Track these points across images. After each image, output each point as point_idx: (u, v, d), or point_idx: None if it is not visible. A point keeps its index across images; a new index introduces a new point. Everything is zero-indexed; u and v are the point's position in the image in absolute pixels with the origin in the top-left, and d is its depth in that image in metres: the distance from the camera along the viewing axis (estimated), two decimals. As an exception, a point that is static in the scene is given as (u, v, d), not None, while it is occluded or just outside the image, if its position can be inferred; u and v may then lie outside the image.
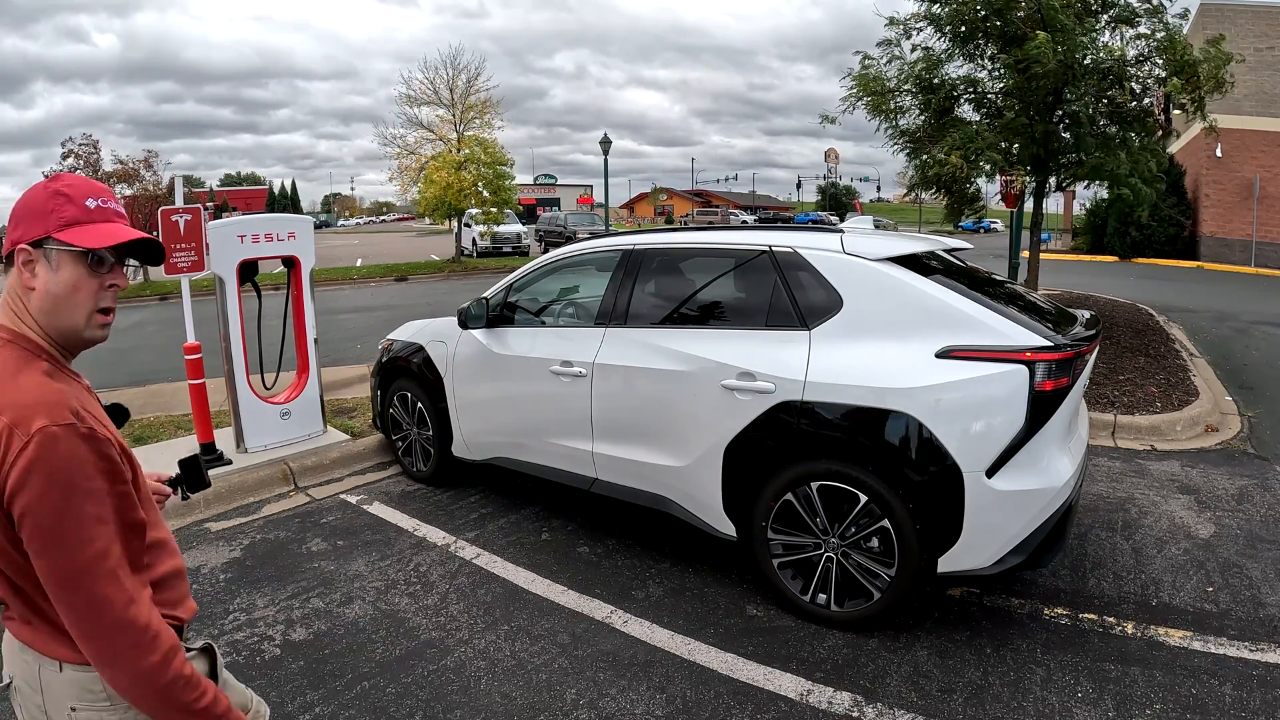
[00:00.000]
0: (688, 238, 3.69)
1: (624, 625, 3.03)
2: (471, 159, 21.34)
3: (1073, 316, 3.17)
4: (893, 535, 2.75)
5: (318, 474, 4.88)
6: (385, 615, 3.15)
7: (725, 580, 3.36)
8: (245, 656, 2.87)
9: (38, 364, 1.13)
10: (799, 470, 2.92)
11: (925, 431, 2.65)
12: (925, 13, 8.08)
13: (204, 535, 4.06)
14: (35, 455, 1.03)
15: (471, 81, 22.96)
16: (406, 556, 3.71)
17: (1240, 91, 10.75)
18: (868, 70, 8.41)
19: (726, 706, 2.51)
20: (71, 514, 1.05)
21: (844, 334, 2.90)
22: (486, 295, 4.17)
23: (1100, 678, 2.60)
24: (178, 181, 5.56)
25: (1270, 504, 4.13)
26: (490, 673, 2.73)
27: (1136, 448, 5.18)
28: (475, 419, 4.24)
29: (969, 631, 2.92)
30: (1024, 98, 7.49)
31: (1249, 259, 19.90)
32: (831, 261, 3.02)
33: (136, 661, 1.09)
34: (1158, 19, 7.40)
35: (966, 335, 2.72)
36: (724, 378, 3.07)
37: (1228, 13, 19.76)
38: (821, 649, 2.82)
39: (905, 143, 8.72)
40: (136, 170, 19.81)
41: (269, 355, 5.11)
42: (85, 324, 1.20)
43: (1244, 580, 3.28)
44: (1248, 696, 2.48)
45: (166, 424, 5.84)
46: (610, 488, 3.58)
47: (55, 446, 1.04)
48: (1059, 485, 2.70)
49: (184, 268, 4.65)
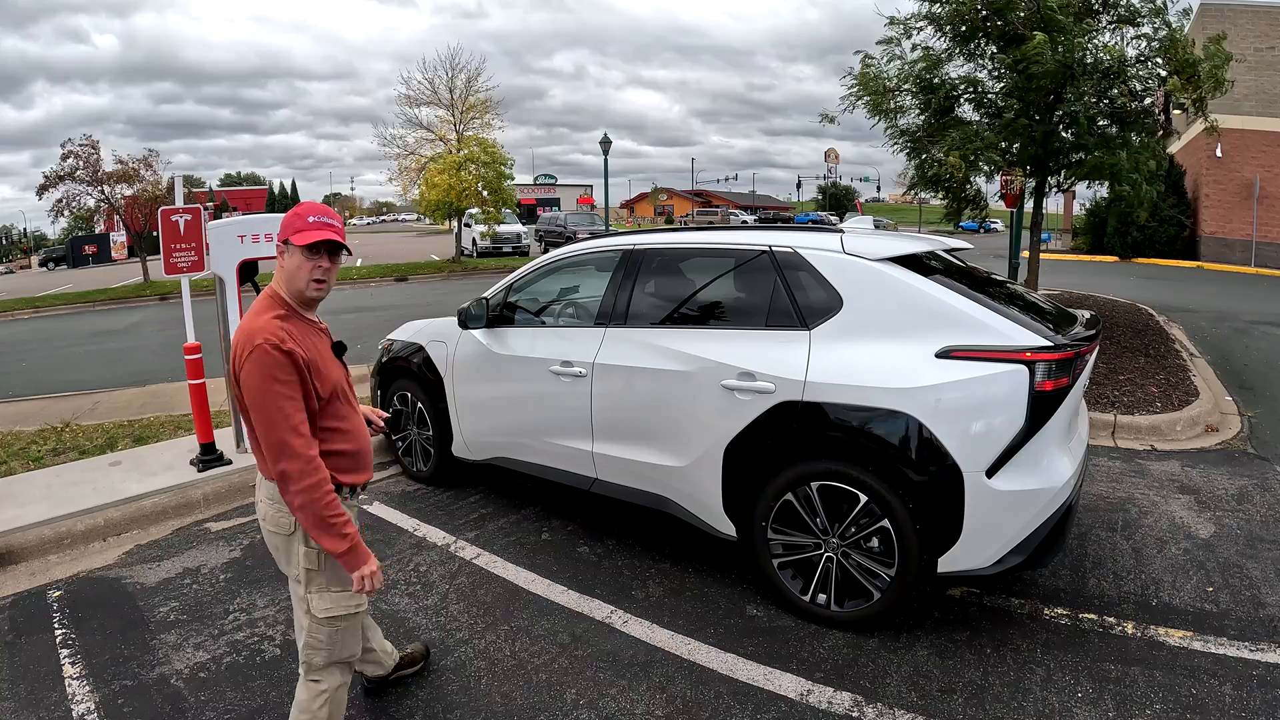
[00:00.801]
0: (688, 238, 3.69)
1: (624, 625, 3.03)
2: (471, 159, 21.34)
3: (1073, 316, 3.17)
4: (893, 535, 2.75)
5: (318, 474, 4.88)
6: (385, 615, 3.15)
7: (725, 580, 3.36)
8: (245, 656, 2.87)
9: (275, 310, 1.98)
10: (799, 470, 2.91)
11: (925, 431, 2.65)
12: (925, 12, 8.07)
13: (204, 535, 4.06)
14: (251, 357, 1.87)
15: (471, 81, 22.99)
16: (406, 556, 3.71)
17: (1240, 91, 10.77)
18: (868, 70, 8.41)
19: (726, 706, 2.51)
20: (267, 391, 1.87)
21: (844, 334, 2.90)
22: (486, 295, 4.16)
23: (1100, 678, 2.60)
24: (177, 181, 5.56)
25: (1270, 504, 4.13)
26: (490, 673, 2.73)
27: (1136, 448, 5.18)
28: (475, 419, 4.23)
29: (969, 631, 2.92)
30: (1024, 97, 7.48)
31: (1249, 259, 19.90)
32: (831, 261, 3.02)
33: (299, 481, 1.88)
34: (1159, 19, 7.39)
35: (966, 335, 2.72)
36: (724, 378, 3.07)
37: (1228, 13, 19.74)
38: (821, 649, 2.82)
39: (905, 142, 8.71)
40: (136, 170, 19.82)
41: (269, 355, 5.11)
42: (306, 288, 2.01)
43: (1244, 580, 3.28)
44: (1248, 696, 2.48)
45: (166, 424, 5.85)
46: (610, 488, 3.58)
47: (263, 354, 1.87)
48: (1059, 485, 2.70)
49: (184, 268, 4.66)
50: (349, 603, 2.08)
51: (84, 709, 2.58)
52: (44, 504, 4.16)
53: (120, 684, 2.72)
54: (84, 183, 19.52)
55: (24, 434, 5.78)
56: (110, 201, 20.27)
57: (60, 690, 2.69)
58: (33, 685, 2.73)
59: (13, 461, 5.02)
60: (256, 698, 2.61)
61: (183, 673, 2.77)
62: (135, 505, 4.22)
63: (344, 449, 2.07)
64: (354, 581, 1.99)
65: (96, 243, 40.42)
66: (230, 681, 2.71)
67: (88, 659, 2.88)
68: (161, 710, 2.56)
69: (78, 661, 2.87)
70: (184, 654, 2.90)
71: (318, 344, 2.04)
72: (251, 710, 2.55)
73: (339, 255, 2.04)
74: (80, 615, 3.24)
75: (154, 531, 4.13)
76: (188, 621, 3.15)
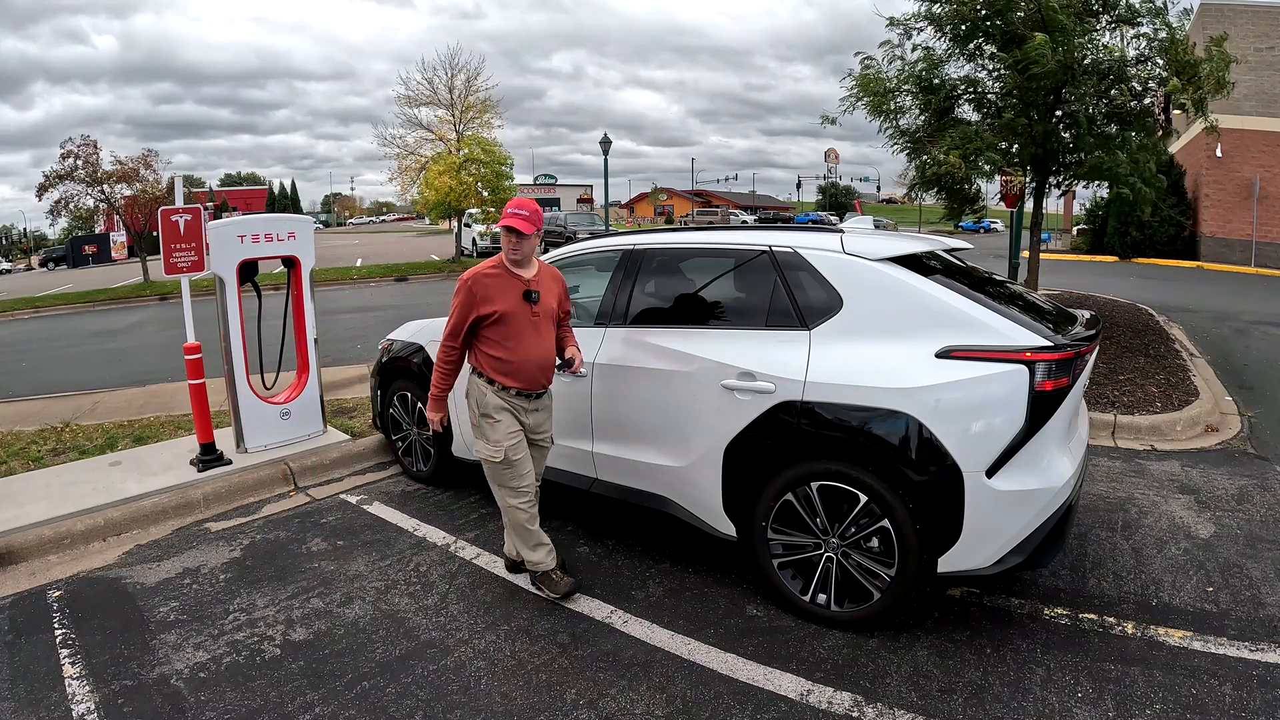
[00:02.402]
0: (688, 238, 3.69)
1: (624, 625, 3.03)
2: (471, 158, 21.33)
3: (1073, 316, 3.17)
4: (893, 535, 2.75)
5: (318, 474, 4.88)
6: (385, 615, 3.15)
7: (725, 580, 3.36)
8: (245, 656, 2.87)
9: (490, 263, 3.15)
10: (799, 470, 2.91)
11: (925, 431, 2.65)
12: (925, 12, 8.07)
13: (204, 535, 4.06)
14: (460, 284, 3.10)
15: (471, 81, 22.98)
16: (406, 556, 3.71)
17: (1240, 91, 10.76)
18: (869, 71, 8.40)
19: (726, 706, 2.51)
20: (454, 303, 3.12)
21: (844, 334, 2.90)
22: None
23: (1100, 678, 2.60)
24: (178, 181, 5.55)
25: (1270, 504, 4.13)
26: (490, 673, 2.73)
27: (1136, 448, 5.18)
28: (475, 419, 4.23)
29: (969, 631, 2.92)
30: (1024, 98, 7.47)
31: (1249, 259, 19.90)
32: (831, 261, 3.02)
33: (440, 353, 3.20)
34: (1159, 19, 7.39)
35: (966, 335, 2.71)
36: (724, 378, 3.07)
37: (1228, 13, 19.74)
38: (821, 649, 2.82)
39: (905, 143, 8.71)
40: (136, 170, 19.82)
41: (269, 355, 5.11)
42: (508, 255, 3.12)
43: (1244, 580, 3.28)
44: (1248, 696, 2.48)
45: (166, 424, 5.85)
46: (610, 488, 3.58)
47: (464, 283, 3.09)
48: (1059, 485, 2.70)
49: (184, 268, 4.65)
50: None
51: (84, 709, 2.58)
52: (44, 504, 4.16)
53: (120, 684, 2.72)
54: (83, 183, 19.52)
55: (24, 434, 5.78)
56: (110, 201, 20.27)
57: (60, 690, 2.69)
58: (33, 685, 2.73)
59: (13, 461, 5.02)
60: (256, 698, 2.61)
61: (183, 673, 2.77)
62: (135, 505, 4.22)
63: (501, 354, 3.10)
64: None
65: (96, 243, 40.43)
66: (230, 681, 2.71)
67: (88, 659, 2.88)
68: (161, 710, 2.56)
69: (78, 661, 2.87)
70: (184, 654, 2.90)
71: (505, 288, 3.09)
72: (251, 710, 2.55)
73: (525, 234, 3.06)
74: (80, 615, 3.24)
75: (154, 531, 4.13)
76: (188, 621, 3.15)
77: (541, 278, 3.22)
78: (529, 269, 3.17)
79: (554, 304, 3.24)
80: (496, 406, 3.13)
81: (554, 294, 3.25)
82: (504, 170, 22.15)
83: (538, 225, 3.12)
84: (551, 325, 3.23)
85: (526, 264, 3.17)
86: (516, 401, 3.16)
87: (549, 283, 3.24)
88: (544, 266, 3.30)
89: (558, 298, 3.28)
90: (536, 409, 3.25)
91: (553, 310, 3.23)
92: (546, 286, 3.21)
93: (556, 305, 3.27)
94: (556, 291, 3.27)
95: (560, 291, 3.31)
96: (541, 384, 3.22)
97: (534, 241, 3.14)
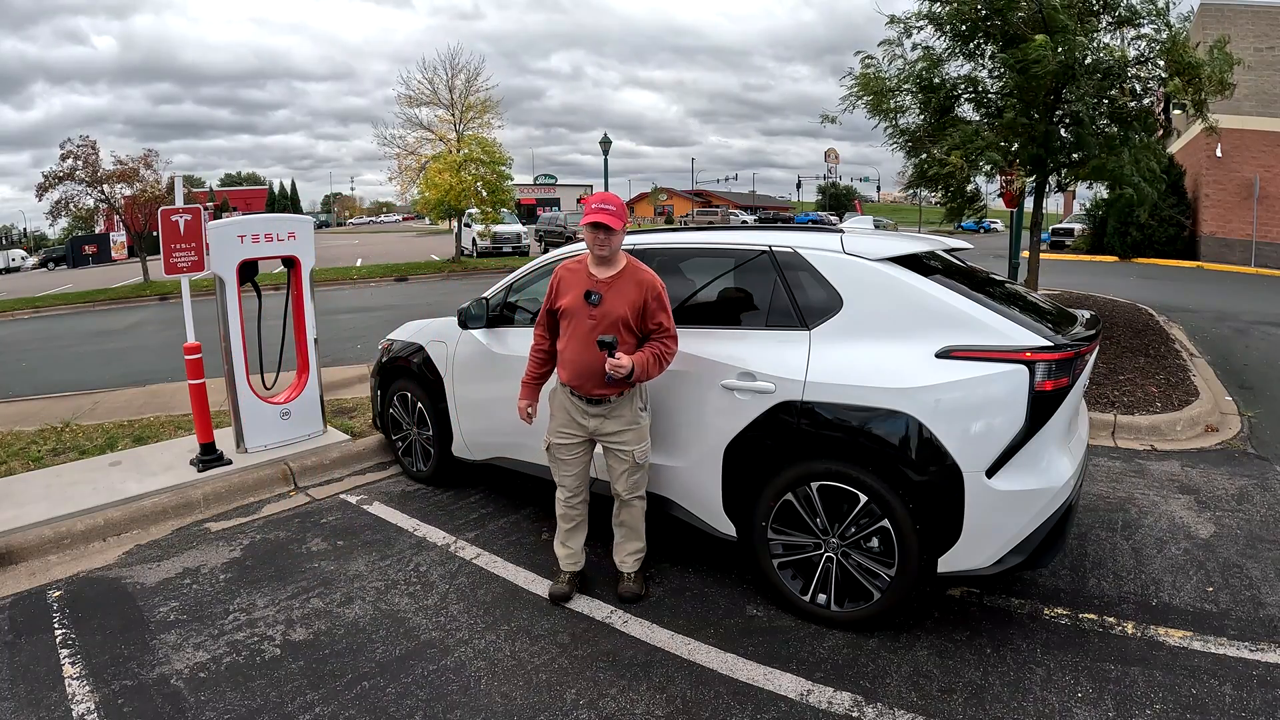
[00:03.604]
0: (688, 238, 3.69)
1: (624, 625, 3.03)
2: (471, 158, 21.33)
3: (1073, 316, 3.17)
4: (893, 535, 2.75)
5: (318, 474, 4.88)
6: (385, 615, 3.15)
7: (725, 580, 3.36)
8: (245, 656, 2.87)
9: (574, 260, 3.13)
10: (799, 470, 2.91)
11: (925, 431, 2.65)
12: (925, 12, 8.07)
13: (204, 535, 4.06)
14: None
15: (471, 81, 22.97)
16: (406, 556, 3.71)
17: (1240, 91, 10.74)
18: (869, 70, 8.40)
19: (726, 706, 2.51)
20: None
21: (844, 334, 2.90)
22: (486, 295, 4.16)
23: (1100, 678, 2.60)
24: (178, 181, 5.56)
25: (1270, 504, 4.13)
26: (490, 673, 2.73)
27: (1136, 448, 5.18)
28: (475, 419, 4.23)
29: (969, 631, 2.92)
30: (1024, 97, 7.47)
31: (1249, 259, 19.89)
32: (831, 261, 3.02)
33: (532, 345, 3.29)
34: (1160, 20, 7.38)
35: (966, 335, 2.71)
36: (724, 378, 3.07)
37: (1228, 13, 19.74)
38: (821, 649, 2.82)
39: (905, 142, 8.71)
40: (136, 170, 19.81)
41: (269, 355, 5.11)
42: (594, 250, 2.98)
43: (1244, 580, 3.28)
44: (1248, 696, 2.48)
45: (166, 424, 5.85)
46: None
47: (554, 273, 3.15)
48: (1059, 485, 2.70)
49: (184, 268, 4.65)
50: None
51: (84, 709, 2.58)
52: (44, 504, 4.16)
53: (120, 684, 2.72)
54: (83, 183, 19.51)
55: (24, 434, 5.78)
56: (110, 201, 20.26)
57: (60, 690, 2.69)
58: (33, 685, 2.73)
59: (13, 461, 5.02)
60: (256, 698, 2.61)
61: (183, 673, 2.77)
62: (135, 505, 4.22)
63: (559, 349, 3.12)
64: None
65: (96, 243, 40.39)
66: (230, 681, 2.71)
67: (88, 659, 2.88)
68: (161, 710, 2.56)
69: (78, 661, 2.87)
70: (184, 654, 2.90)
71: (576, 284, 3.01)
72: (251, 710, 2.55)
73: (613, 230, 2.93)
74: (80, 615, 3.24)
75: (154, 531, 4.13)
76: (188, 621, 3.15)
77: (619, 281, 2.96)
78: (609, 268, 2.99)
79: (625, 311, 2.92)
80: (555, 399, 3.17)
81: (628, 300, 2.92)
82: (504, 171, 22.14)
83: (625, 220, 3.00)
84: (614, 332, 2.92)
85: (609, 263, 2.99)
86: (574, 400, 3.07)
87: (628, 287, 2.95)
88: (632, 269, 3.00)
89: (633, 305, 2.93)
90: (600, 415, 3.04)
91: (620, 316, 2.92)
92: (621, 290, 2.94)
93: (629, 312, 2.93)
94: (633, 298, 2.93)
95: (639, 299, 2.94)
96: (591, 390, 3.00)
97: (620, 238, 2.99)
